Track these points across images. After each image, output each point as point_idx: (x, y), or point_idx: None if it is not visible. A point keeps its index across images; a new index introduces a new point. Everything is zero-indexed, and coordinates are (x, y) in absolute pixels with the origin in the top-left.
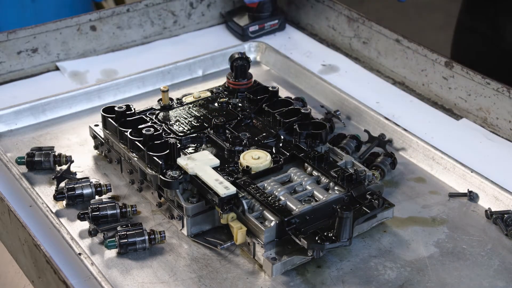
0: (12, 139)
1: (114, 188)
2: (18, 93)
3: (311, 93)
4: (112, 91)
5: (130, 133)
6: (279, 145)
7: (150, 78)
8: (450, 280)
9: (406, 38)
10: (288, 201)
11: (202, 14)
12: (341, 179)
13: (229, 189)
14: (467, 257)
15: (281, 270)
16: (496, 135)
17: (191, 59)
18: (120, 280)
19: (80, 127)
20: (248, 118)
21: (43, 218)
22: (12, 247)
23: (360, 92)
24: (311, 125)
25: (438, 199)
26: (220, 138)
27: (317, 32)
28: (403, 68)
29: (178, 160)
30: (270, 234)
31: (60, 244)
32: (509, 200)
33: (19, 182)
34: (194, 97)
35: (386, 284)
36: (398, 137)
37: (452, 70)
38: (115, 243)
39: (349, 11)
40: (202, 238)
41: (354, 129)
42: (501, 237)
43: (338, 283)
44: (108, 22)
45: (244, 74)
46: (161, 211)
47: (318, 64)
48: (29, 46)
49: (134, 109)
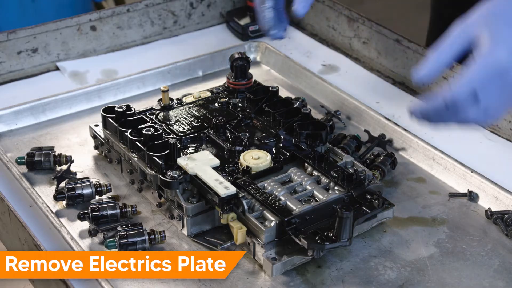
0: (12, 139)
1: (114, 188)
2: (18, 93)
3: (311, 93)
4: (112, 91)
5: (130, 133)
6: (279, 145)
7: (150, 78)
8: (450, 280)
9: (406, 38)
10: (288, 201)
11: (202, 14)
12: (341, 179)
13: (229, 189)
14: (467, 257)
15: (281, 270)
16: (496, 135)
17: (191, 59)
18: (120, 280)
19: (80, 127)
20: (248, 118)
21: (43, 218)
22: (12, 247)
23: (360, 92)
24: (311, 125)
25: (438, 199)
26: (220, 138)
27: (317, 32)
28: (403, 68)
29: (178, 160)
30: (270, 234)
31: (60, 244)
32: (509, 200)
33: (19, 182)
34: (194, 97)
35: (386, 284)
36: (398, 137)
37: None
38: (115, 243)
39: (349, 11)
40: (202, 238)
41: (354, 129)
42: (501, 237)
43: (338, 283)
44: (108, 22)
45: (244, 74)
46: (161, 211)
47: (318, 64)
48: (29, 46)
49: (134, 109)
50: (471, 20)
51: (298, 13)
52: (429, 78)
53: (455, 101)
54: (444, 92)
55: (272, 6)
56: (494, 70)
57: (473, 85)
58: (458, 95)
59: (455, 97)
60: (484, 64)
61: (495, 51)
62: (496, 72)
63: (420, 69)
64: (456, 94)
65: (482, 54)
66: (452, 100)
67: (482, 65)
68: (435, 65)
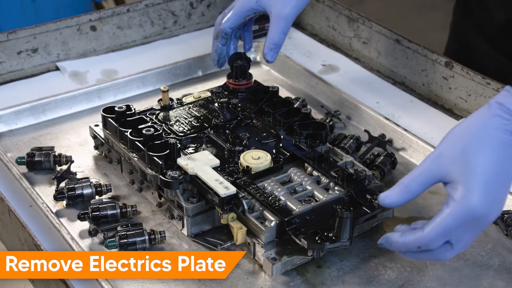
0: (12, 139)
1: (114, 188)
2: (18, 93)
3: (311, 93)
4: (112, 91)
5: (130, 133)
6: (279, 145)
7: (150, 78)
8: (450, 280)
9: (406, 38)
10: (288, 201)
11: (202, 14)
12: (341, 179)
13: (229, 189)
14: (467, 257)
15: (281, 270)
16: None
17: (191, 59)
18: (120, 280)
19: (80, 127)
20: (248, 118)
21: (43, 218)
22: (12, 247)
23: (360, 92)
24: (311, 125)
25: (438, 199)
26: (220, 138)
27: (317, 32)
28: (403, 68)
29: (178, 160)
30: (270, 234)
31: (60, 244)
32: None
33: (19, 182)
34: (194, 97)
35: (386, 284)
36: (398, 137)
37: (452, 70)
38: (115, 243)
39: (349, 11)
40: (202, 238)
41: (354, 129)
42: (501, 237)
43: (338, 283)
44: (108, 22)
45: (244, 74)
46: (161, 211)
47: (318, 64)
48: (29, 46)
49: (134, 109)
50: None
51: (267, 60)
52: (395, 205)
53: (428, 246)
54: (418, 238)
55: (222, 44)
56: (468, 218)
57: (447, 235)
58: (432, 244)
59: (429, 245)
60: (458, 213)
61: (469, 199)
62: (470, 220)
63: (388, 196)
64: (430, 243)
65: (456, 201)
66: (426, 246)
67: (456, 213)
68: (402, 196)
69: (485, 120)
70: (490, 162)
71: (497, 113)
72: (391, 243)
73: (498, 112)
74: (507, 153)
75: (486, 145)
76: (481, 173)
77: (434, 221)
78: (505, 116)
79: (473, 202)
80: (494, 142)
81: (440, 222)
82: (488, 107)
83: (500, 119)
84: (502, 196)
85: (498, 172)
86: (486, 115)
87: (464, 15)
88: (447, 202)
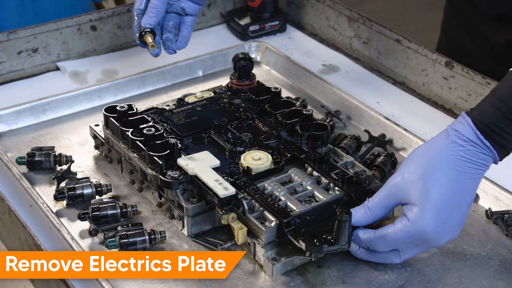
0: (12, 139)
1: (115, 188)
2: (18, 93)
3: (311, 93)
4: (112, 91)
5: (131, 133)
6: (280, 146)
7: (150, 78)
8: (450, 280)
9: (406, 38)
10: (288, 201)
11: (202, 14)
12: (341, 182)
13: (229, 189)
14: (467, 257)
15: (282, 270)
16: None
17: (191, 59)
18: (120, 280)
19: (80, 127)
20: (250, 119)
21: (43, 218)
22: (12, 247)
23: (360, 92)
24: (312, 126)
25: None
26: (222, 138)
27: (318, 32)
28: (404, 68)
29: (179, 160)
30: (271, 234)
31: (61, 244)
32: (509, 200)
33: (19, 182)
34: (196, 97)
35: (386, 284)
36: (398, 137)
37: (452, 70)
38: (115, 243)
39: (350, 11)
40: (203, 238)
41: (355, 129)
42: (502, 237)
43: (338, 283)
44: (108, 22)
45: (247, 75)
46: (162, 211)
47: (319, 64)
48: (29, 46)
49: (136, 109)
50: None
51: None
52: (359, 225)
53: (376, 250)
54: (367, 242)
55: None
56: (417, 239)
57: (395, 246)
58: (379, 249)
59: (376, 249)
60: (409, 232)
61: (421, 221)
62: (419, 240)
63: (354, 214)
64: (378, 248)
65: (410, 221)
66: (374, 249)
67: (408, 232)
68: (366, 217)
69: (442, 147)
70: (444, 189)
71: (453, 139)
72: (355, 237)
73: (455, 139)
74: (461, 178)
75: (441, 172)
76: (435, 198)
77: (386, 231)
78: (460, 142)
79: (424, 223)
80: (450, 168)
81: (391, 234)
82: (445, 133)
83: (455, 146)
84: (455, 221)
85: (451, 197)
86: (444, 141)
87: (455, 15)
88: (400, 217)
